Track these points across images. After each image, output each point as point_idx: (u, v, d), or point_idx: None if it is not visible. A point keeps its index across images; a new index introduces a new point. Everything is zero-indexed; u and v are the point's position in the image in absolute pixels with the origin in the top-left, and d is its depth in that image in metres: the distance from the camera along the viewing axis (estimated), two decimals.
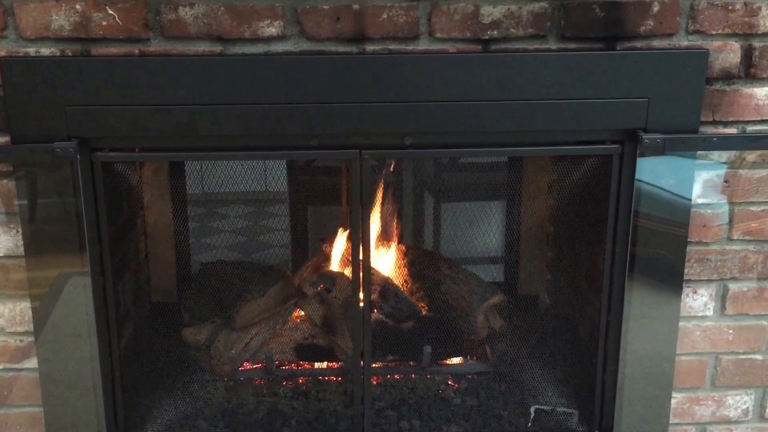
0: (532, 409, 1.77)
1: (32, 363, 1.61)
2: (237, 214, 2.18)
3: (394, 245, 1.98)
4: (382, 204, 1.88)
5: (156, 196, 1.81)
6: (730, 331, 1.67)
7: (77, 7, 1.42)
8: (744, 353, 1.68)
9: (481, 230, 1.90)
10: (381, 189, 1.86)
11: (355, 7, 1.43)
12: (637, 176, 1.52)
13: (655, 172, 1.53)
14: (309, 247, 2.13)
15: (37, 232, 1.52)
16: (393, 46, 1.46)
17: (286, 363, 1.88)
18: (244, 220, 2.25)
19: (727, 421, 1.72)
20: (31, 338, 1.59)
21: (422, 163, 1.94)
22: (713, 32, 1.49)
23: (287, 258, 2.09)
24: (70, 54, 1.44)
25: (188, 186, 1.83)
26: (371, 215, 1.59)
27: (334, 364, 1.87)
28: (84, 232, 1.50)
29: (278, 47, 1.45)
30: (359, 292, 1.61)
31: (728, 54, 1.50)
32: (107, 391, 1.61)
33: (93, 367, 1.58)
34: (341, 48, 1.46)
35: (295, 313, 1.91)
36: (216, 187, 1.81)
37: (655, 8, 1.46)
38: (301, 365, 1.88)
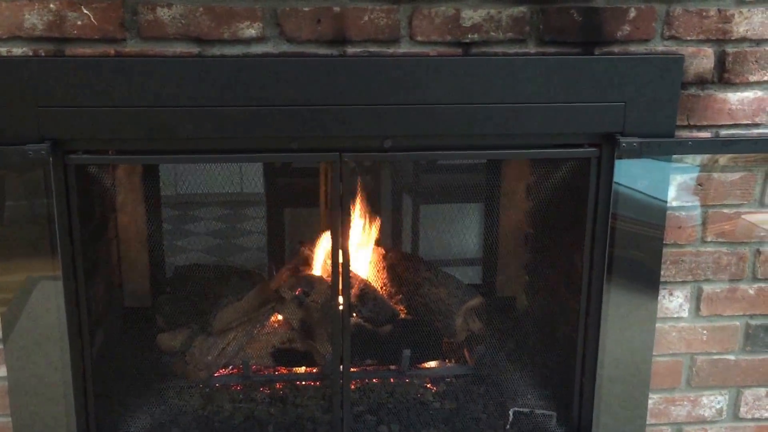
0: (511, 412, 1.79)
1: (0, 371, 1.57)
2: (212, 216, 2.17)
3: (372, 248, 1.99)
4: (362, 206, 1.89)
5: (130, 198, 1.79)
6: (705, 332, 1.70)
7: (51, 6, 1.40)
8: (718, 353, 1.72)
9: (460, 232, 1.92)
10: (360, 191, 1.87)
11: (336, 9, 1.44)
12: (614, 179, 1.55)
13: (632, 175, 1.56)
14: (285, 250, 2.12)
15: (7, 235, 1.49)
16: (373, 49, 1.46)
17: (264, 368, 1.87)
18: (219, 222, 2.24)
19: (702, 421, 1.76)
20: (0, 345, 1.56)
21: (401, 165, 1.95)
22: (688, 38, 1.52)
23: (264, 261, 2.08)
24: (43, 54, 1.42)
25: (163, 188, 1.81)
26: (351, 218, 1.59)
27: (312, 369, 1.87)
28: (56, 236, 1.48)
29: (257, 49, 1.45)
30: (338, 296, 1.61)
31: (702, 59, 1.54)
32: (79, 399, 1.58)
33: (64, 374, 1.56)
34: (321, 50, 1.46)
35: (273, 318, 1.91)
36: (191, 189, 1.81)
37: (632, 14, 1.49)
38: (278, 370, 1.87)
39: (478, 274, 2.08)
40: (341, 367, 1.65)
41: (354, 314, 1.83)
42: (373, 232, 1.97)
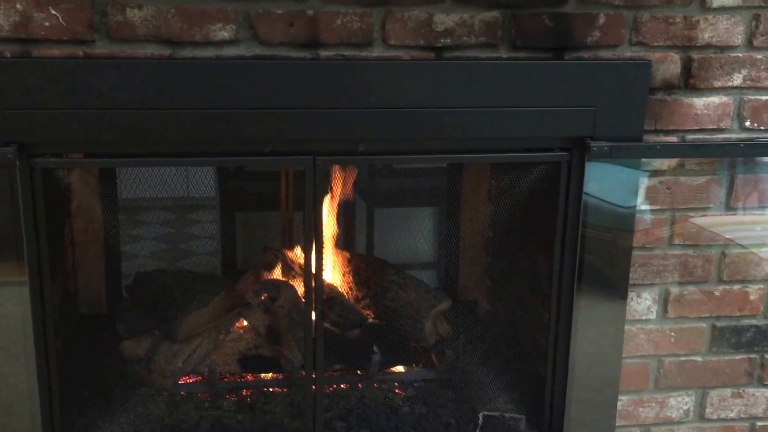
0: (480, 416, 1.91)
1: None
2: (166, 221, 2.24)
3: (338, 252, 2.09)
4: (329, 210, 1.99)
5: (95, 202, 1.86)
6: (672, 334, 1.85)
7: (17, 6, 1.46)
8: (685, 355, 1.87)
9: (427, 237, 2.03)
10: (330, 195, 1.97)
11: (309, 12, 1.54)
12: (585, 183, 1.68)
13: (600, 179, 1.70)
14: (247, 254, 2.21)
15: None
16: (347, 52, 1.57)
17: (230, 375, 1.96)
18: (175, 227, 2.31)
19: (670, 422, 1.91)
20: None
21: (368, 168, 2.06)
22: (655, 44, 1.66)
23: (227, 266, 2.17)
24: (8, 55, 1.48)
25: (126, 192, 1.88)
26: (323, 222, 1.69)
27: (280, 375, 1.97)
28: (22, 241, 1.54)
29: (230, 51, 1.54)
30: (312, 302, 1.70)
31: (669, 65, 1.68)
32: (45, 408, 1.65)
33: (29, 382, 1.62)
34: (295, 53, 1.56)
35: (239, 324, 1.99)
36: (149, 193, 1.88)
37: (601, 20, 1.63)
38: (245, 377, 1.96)
39: (444, 278, 2.20)
40: (314, 374, 1.75)
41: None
42: (340, 235, 2.07)
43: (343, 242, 2.14)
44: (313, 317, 1.72)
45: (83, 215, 1.90)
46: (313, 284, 1.69)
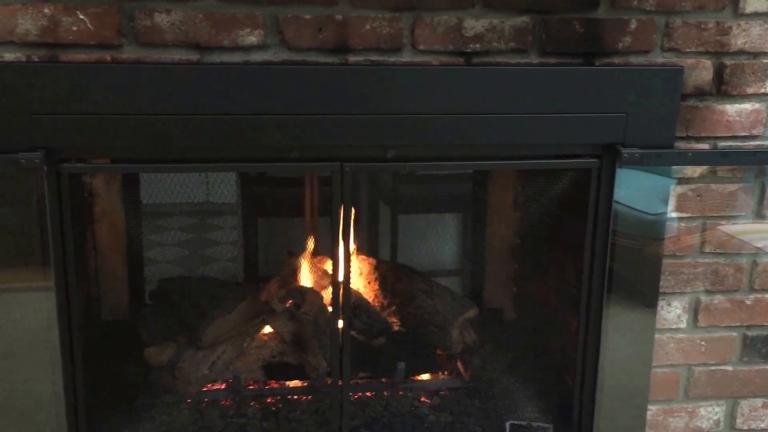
0: (507, 425, 1.87)
1: None
2: (187, 226, 2.22)
3: (364, 258, 2.06)
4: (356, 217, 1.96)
5: (115, 207, 1.84)
6: (703, 343, 1.81)
7: (45, 11, 1.44)
8: (715, 364, 1.83)
9: (454, 243, 2.00)
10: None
11: (338, 17, 1.51)
12: (615, 190, 1.65)
13: (631, 186, 1.66)
14: (273, 261, 2.18)
15: None
16: (376, 58, 1.54)
17: (255, 382, 1.93)
18: (197, 233, 2.29)
19: None
20: None
21: (397, 174, 2.03)
22: (687, 50, 1.62)
23: (249, 273, 2.14)
24: (36, 60, 1.46)
25: (150, 197, 1.87)
26: (351, 229, 1.66)
27: (304, 382, 1.93)
28: (49, 246, 1.52)
29: (258, 57, 1.51)
30: (339, 310, 1.67)
31: (701, 71, 1.64)
32: (70, 416, 1.63)
33: (55, 390, 1.60)
34: (323, 58, 1.53)
35: (264, 330, 1.97)
36: (173, 199, 1.86)
37: (633, 25, 1.59)
38: (270, 384, 1.93)
39: (470, 285, 2.17)
40: (340, 382, 1.72)
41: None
42: (366, 242, 2.05)
43: (369, 249, 2.11)
44: (340, 325, 1.69)
45: (107, 220, 1.88)
46: (341, 291, 1.66)
